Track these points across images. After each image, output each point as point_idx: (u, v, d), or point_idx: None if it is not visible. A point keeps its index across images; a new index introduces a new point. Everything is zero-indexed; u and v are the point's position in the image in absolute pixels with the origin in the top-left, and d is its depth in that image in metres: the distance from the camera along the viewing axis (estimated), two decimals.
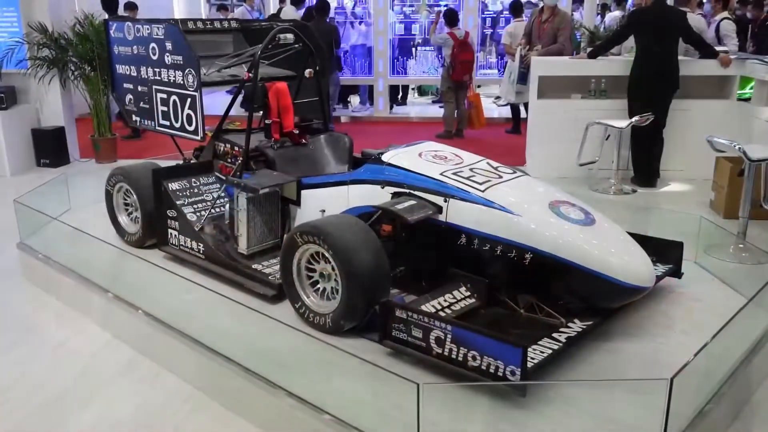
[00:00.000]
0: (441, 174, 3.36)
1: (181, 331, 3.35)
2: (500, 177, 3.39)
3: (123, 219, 4.54)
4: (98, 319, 3.89)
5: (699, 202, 5.93)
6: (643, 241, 3.29)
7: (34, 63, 7.19)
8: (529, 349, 2.69)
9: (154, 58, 4.25)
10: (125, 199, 4.50)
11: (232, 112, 4.45)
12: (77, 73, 7.39)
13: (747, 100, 6.55)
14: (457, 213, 3.22)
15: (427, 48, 11.13)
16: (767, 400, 3.04)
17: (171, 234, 4.19)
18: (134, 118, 4.67)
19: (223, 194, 4.17)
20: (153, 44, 4.22)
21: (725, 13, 7.65)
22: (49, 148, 7.48)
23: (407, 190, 3.37)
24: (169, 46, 4.12)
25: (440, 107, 10.59)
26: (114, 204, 4.54)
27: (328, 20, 9.65)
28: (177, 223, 4.13)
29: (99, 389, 3.25)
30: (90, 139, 7.67)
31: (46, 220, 4.63)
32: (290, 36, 4.16)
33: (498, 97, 11.05)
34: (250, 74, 4.03)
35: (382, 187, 3.47)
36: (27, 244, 4.58)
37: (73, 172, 6.88)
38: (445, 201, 3.25)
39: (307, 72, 4.39)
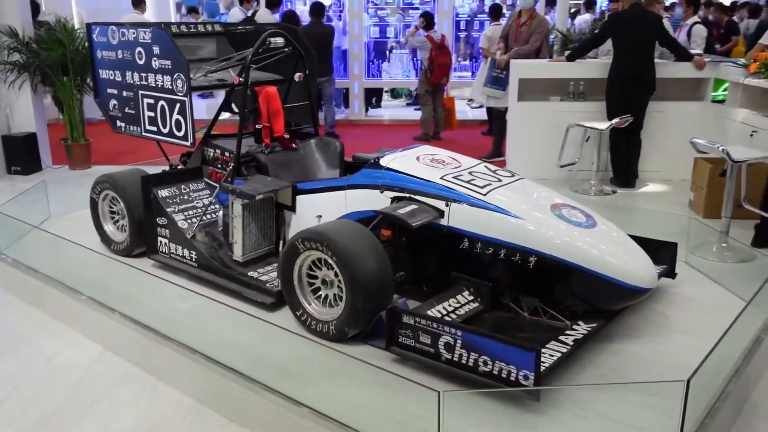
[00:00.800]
0: (441, 178, 3.35)
1: (177, 341, 3.28)
2: (500, 180, 3.40)
3: (109, 227, 4.43)
4: (87, 330, 3.78)
5: (677, 203, 6.03)
6: (637, 242, 3.32)
7: (4, 68, 6.99)
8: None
9: (141, 62, 4.16)
10: (111, 207, 4.40)
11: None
12: (48, 82, 7.20)
13: (721, 101, 6.68)
14: (458, 217, 3.21)
15: (402, 51, 11.14)
16: (765, 397, 3.10)
17: (161, 242, 4.11)
18: (118, 123, 4.56)
19: (214, 201, 4.09)
20: (139, 48, 4.13)
21: (696, 17, 7.81)
22: (20, 154, 7.26)
23: (407, 195, 3.36)
24: (156, 50, 4.04)
25: (416, 110, 10.61)
26: (99, 212, 4.43)
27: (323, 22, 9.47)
28: (167, 230, 4.05)
29: (96, 403, 3.15)
30: (63, 144, 7.48)
31: (27, 229, 4.51)
32: (280, 40, 4.11)
33: (471, 100, 11.10)
34: (241, 78, 3.98)
35: (381, 192, 3.45)
36: (7, 255, 4.45)
37: (47, 180, 6.68)
38: (447, 205, 3.24)
39: (297, 76, 4.35)
